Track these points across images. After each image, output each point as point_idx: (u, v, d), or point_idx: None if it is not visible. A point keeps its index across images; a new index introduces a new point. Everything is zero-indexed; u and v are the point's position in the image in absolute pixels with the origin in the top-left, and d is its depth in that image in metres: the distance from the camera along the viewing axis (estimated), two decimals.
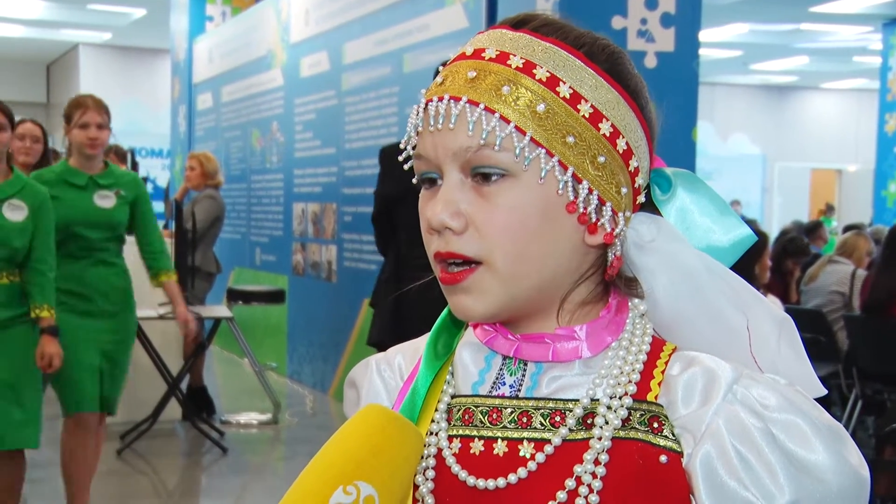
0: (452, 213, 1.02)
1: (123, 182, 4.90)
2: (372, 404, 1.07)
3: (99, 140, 4.75)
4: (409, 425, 1.05)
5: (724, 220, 1.11)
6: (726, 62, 19.16)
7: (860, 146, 21.60)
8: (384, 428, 1.02)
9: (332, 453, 1.02)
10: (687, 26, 5.74)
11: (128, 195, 4.88)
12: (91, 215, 4.76)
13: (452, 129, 1.02)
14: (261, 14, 10.38)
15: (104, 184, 4.81)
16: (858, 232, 8.10)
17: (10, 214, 4.29)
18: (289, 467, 6.65)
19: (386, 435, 1.02)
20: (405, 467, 1.03)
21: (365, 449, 1.01)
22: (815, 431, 0.98)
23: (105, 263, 4.83)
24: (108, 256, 4.85)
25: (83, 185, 4.76)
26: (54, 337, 4.38)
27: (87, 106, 4.77)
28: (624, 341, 1.07)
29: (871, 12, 14.17)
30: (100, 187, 4.79)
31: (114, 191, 4.83)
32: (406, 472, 1.03)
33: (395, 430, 1.03)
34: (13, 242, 4.27)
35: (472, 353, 1.12)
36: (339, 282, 8.47)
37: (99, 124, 4.75)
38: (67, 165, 4.83)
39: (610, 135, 1.04)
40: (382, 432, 1.02)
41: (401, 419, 1.04)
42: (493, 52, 1.04)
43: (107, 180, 4.84)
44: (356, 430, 1.03)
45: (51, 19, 17.09)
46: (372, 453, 1.01)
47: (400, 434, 1.03)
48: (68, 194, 4.72)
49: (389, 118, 7.52)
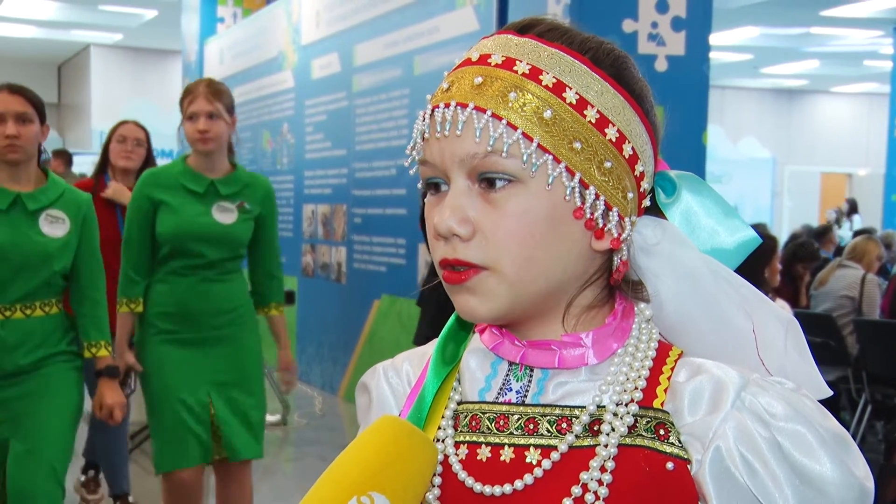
0: (460, 219, 1.02)
1: (251, 192, 4.09)
2: (387, 415, 1.07)
3: (211, 133, 3.93)
4: (423, 437, 1.05)
5: (728, 222, 1.11)
6: (737, 66, 19.13)
7: (871, 150, 21.56)
8: (399, 439, 1.03)
9: (347, 463, 1.02)
10: (697, 30, 5.74)
11: (253, 209, 4.09)
12: (207, 230, 3.97)
13: (459, 136, 1.02)
14: (272, 16, 10.39)
15: (226, 193, 4.02)
16: (869, 236, 8.09)
17: (48, 229, 3.50)
18: (297, 468, 6.65)
19: (400, 446, 1.02)
20: (419, 478, 1.03)
21: (379, 460, 1.01)
22: (820, 442, 0.98)
23: (216, 280, 4.04)
24: (220, 274, 4.05)
25: (202, 192, 3.99)
26: (114, 379, 3.71)
27: (195, 93, 3.98)
28: (630, 347, 1.07)
29: (882, 16, 14.15)
30: (220, 197, 4.01)
31: (237, 202, 4.04)
32: (420, 483, 1.03)
33: (409, 441, 1.03)
34: (53, 265, 3.48)
35: (478, 360, 1.12)
36: (348, 283, 8.48)
37: (209, 113, 3.94)
38: (185, 165, 4.04)
39: (616, 140, 1.04)
40: (397, 443, 1.03)
41: (415, 431, 1.05)
42: (499, 58, 1.04)
43: (230, 188, 4.04)
44: (371, 440, 1.03)
45: (62, 20, 17.13)
46: (386, 464, 1.01)
47: (414, 445, 1.03)
48: (182, 201, 3.98)
49: (400, 120, 7.52)
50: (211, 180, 4.01)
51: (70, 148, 13.76)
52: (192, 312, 4.01)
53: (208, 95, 3.95)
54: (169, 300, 4.02)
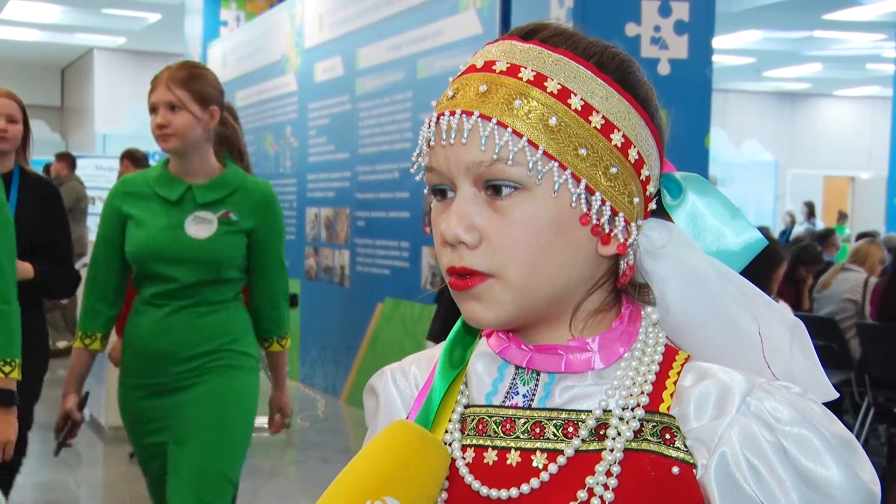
0: (467, 227, 1.02)
1: (240, 200, 3.31)
2: (399, 420, 1.08)
3: (171, 128, 3.21)
4: (435, 442, 1.05)
5: (735, 223, 1.11)
6: (739, 69, 19.14)
7: (873, 154, 21.57)
8: (411, 444, 1.03)
9: (360, 468, 1.03)
10: (700, 33, 5.75)
11: (243, 220, 3.30)
12: (175, 246, 3.24)
13: (465, 144, 1.02)
14: (275, 19, 10.40)
15: (206, 200, 3.27)
16: (871, 240, 8.10)
17: None
18: (300, 471, 6.66)
19: (413, 451, 1.03)
20: (431, 483, 1.03)
21: (392, 464, 1.02)
22: (826, 447, 0.98)
23: (194, 313, 3.27)
24: (199, 304, 3.28)
25: (174, 200, 3.27)
26: (9, 409, 3.03)
27: (157, 80, 3.26)
28: (636, 352, 1.07)
29: (885, 20, 14.16)
30: (198, 206, 3.27)
31: (220, 212, 3.28)
32: (432, 488, 1.04)
33: (422, 446, 1.04)
34: None
35: (485, 364, 1.12)
36: (351, 286, 8.48)
37: (170, 103, 3.21)
38: (164, 169, 3.34)
39: (622, 145, 1.04)
40: (409, 448, 1.03)
41: (428, 435, 1.05)
42: (504, 65, 1.04)
43: (213, 194, 3.29)
44: (383, 445, 1.04)
45: (66, 23, 17.16)
46: (399, 469, 1.01)
47: (426, 450, 1.04)
48: (152, 212, 3.28)
49: (403, 123, 7.52)
50: (188, 185, 3.29)
51: (73, 151, 13.75)
52: (154, 354, 3.27)
53: (169, 82, 3.22)
54: (133, 337, 3.34)
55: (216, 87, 3.33)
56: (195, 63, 3.45)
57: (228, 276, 3.29)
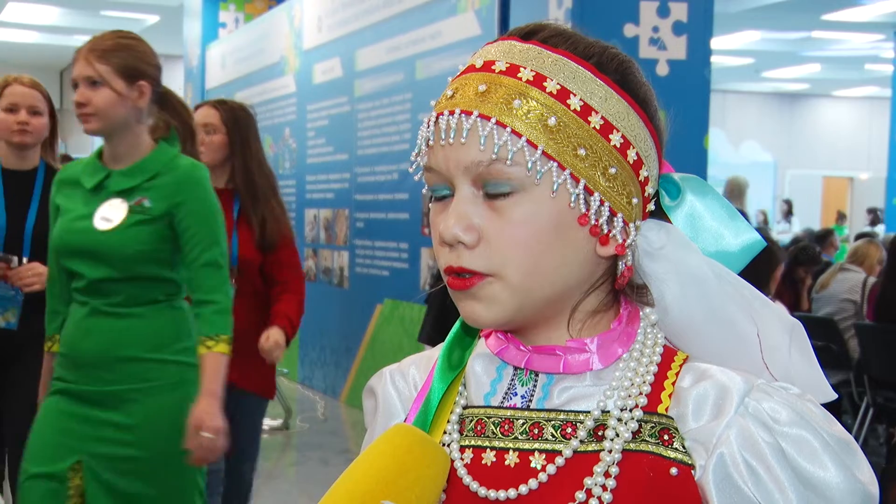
0: (465, 227, 1.02)
1: (159, 184, 2.92)
2: (400, 424, 1.08)
3: (90, 107, 2.88)
4: (435, 446, 1.05)
5: (733, 224, 1.11)
6: (738, 70, 19.13)
7: (872, 154, 21.56)
8: (411, 448, 1.03)
9: (360, 472, 1.02)
10: (699, 34, 5.75)
11: (156, 206, 2.90)
12: (78, 239, 2.93)
13: (464, 144, 1.02)
14: (274, 21, 10.40)
15: (120, 187, 2.92)
16: (870, 240, 8.10)
17: None
18: (300, 473, 6.66)
19: (413, 455, 1.03)
20: (431, 488, 1.03)
21: (392, 469, 1.01)
22: (824, 448, 0.98)
23: (111, 314, 2.92)
24: (116, 305, 2.92)
25: (91, 189, 2.95)
26: None
27: (76, 55, 2.95)
28: (635, 352, 1.07)
29: (883, 21, 14.15)
30: (111, 193, 2.93)
31: (134, 199, 2.91)
32: (432, 492, 1.03)
33: (422, 450, 1.03)
34: None
35: (484, 364, 1.12)
36: (350, 288, 8.49)
37: (89, 78, 2.88)
38: (97, 154, 3.03)
39: (621, 146, 1.04)
40: (410, 452, 1.03)
41: (428, 440, 1.05)
42: (503, 65, 1.04)
43: (130, 180, 2.92)
44: (384, 449, 1.03)
45: (64, 25, 17.16)
46: (399, 473, 1.01)
47: (427, 454, 1.04)
48: (72, 203, 2.99)
49: (402, 125, 7.53)
50: (108, 171, 2.94)
51: (72, 153, 13.74)
52: (76, 356, 2.96)
53: (89, 55, 2.87)
54: (63, 337, 3.03)
55: (147, 59, 2.97)
56: (124, 32, 3.07)
57: (147, 272, 2.91)
